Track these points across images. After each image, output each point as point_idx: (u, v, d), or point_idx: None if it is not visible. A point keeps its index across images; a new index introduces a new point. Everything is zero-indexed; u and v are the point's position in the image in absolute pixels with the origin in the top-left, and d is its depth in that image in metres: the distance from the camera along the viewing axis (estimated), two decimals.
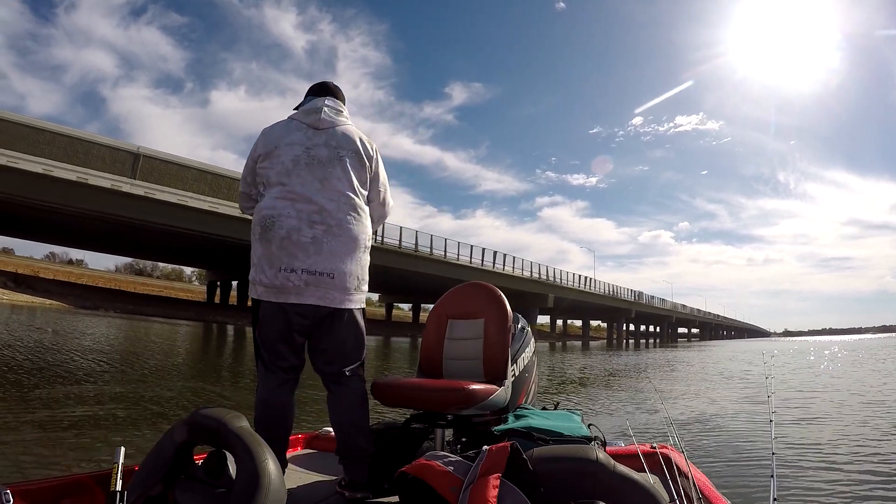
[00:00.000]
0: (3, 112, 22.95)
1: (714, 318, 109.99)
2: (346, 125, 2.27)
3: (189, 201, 26.64)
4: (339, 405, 2.16)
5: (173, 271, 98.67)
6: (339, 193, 2.15)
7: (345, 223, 2.13)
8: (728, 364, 21.25)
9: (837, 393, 10.85)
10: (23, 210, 25.51)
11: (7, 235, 44.09)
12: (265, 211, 2.11)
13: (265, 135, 2.23)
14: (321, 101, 2.27)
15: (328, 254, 2.08)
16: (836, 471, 4.59)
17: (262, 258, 2.07)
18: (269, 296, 2.07)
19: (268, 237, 2.07)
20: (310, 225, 2.07)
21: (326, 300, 2.09)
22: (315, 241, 2.06)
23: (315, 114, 2.22)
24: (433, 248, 39.20)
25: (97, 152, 24.75)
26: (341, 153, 2.19)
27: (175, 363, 12.07)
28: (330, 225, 2.10)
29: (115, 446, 1.50)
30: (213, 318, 32.73)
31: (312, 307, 2.08)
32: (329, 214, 2.10)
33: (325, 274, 2.07)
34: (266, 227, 2.08)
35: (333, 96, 2.34)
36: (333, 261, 2.09)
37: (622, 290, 66.05)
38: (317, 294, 2.07)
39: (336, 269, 2.09)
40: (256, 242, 2.11)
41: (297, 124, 2.21)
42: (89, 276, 61.88)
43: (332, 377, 2.17)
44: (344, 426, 2.14)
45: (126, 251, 49.03)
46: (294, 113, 2.30)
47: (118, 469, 1.39)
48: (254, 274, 2.11)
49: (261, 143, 2.21)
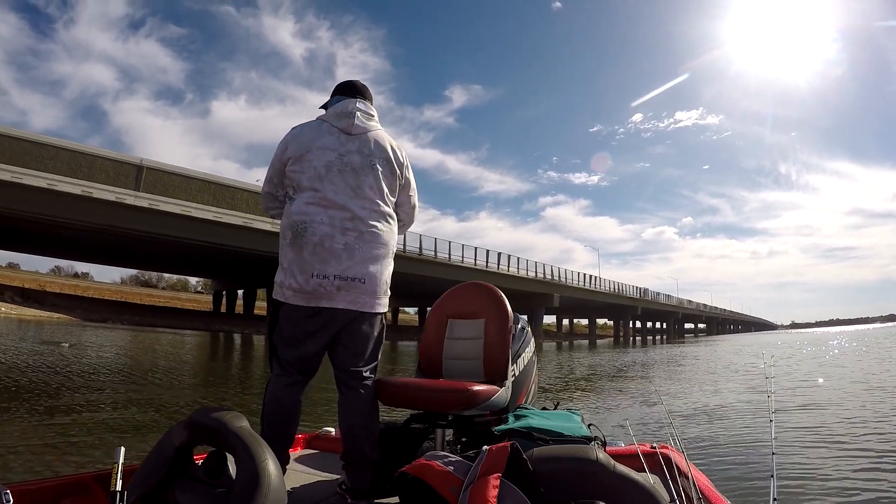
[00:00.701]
0: (5, 128, 23.07)
1: (720, 312, 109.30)
2: (377, 130, 2.26)
3: (193, 212, 26.68)
4: (351, 409, 2.16)
5: (178, 282, 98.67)
6: (370, 201, 2.16)
7: (376, 230, 2.16)
8: (734, 358, 21.18)
9: (849, 383, 10.83)
10: (28, 225, 25.61)
11: (12, 250, 44.28)
12: (296, 217, 2.10)
13: (296, 137, 2.18)
14: (352, 104, 2.23)
15: (360, 260, 2.10)
16: (837, 470, 4.55)
17: (294, 263, 2.08)
18: (299, 300, 2.07)
19: (299, 243, 2.07)
20: (342, 232, 2.08)
21: (357, 304, 2.12)
22: (347, 247, 2.08)
23: (347, 118, 2.20)
24: (437, 252, 39.14)
25: (101, 165, 24.86)
26: (374, 161, 2.20)
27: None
28: (362, 231, 2.12)
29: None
30: (220, 327, 32.80)
31: (343, 311, 2.10)
32: (361, 221, 2.12)
33: (356, 279, 2.10)
34: (298, 233, 2.07)
35: (363, 97, 2.31)
36: (365, 266, 2.12)
37: (627, 287, 65.79)
38: (348, 298, 2.09)
39: (367, 274, 2.12)
40: (287, 247, 2.11)
41: (329, 127, 2.18)
42: (95, 289, 61.98)
43: (347, 377, 2.18)
44: (353, 428, 2.14)
45: (132, 263, 49.19)
46: (324, 114, 2.26)
47: (118, 469, 1.39)
48: (283, 278, 2.11)
49: (292, 145, 2.17)
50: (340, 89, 2.34)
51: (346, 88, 2.33)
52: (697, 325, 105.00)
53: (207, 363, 15.46)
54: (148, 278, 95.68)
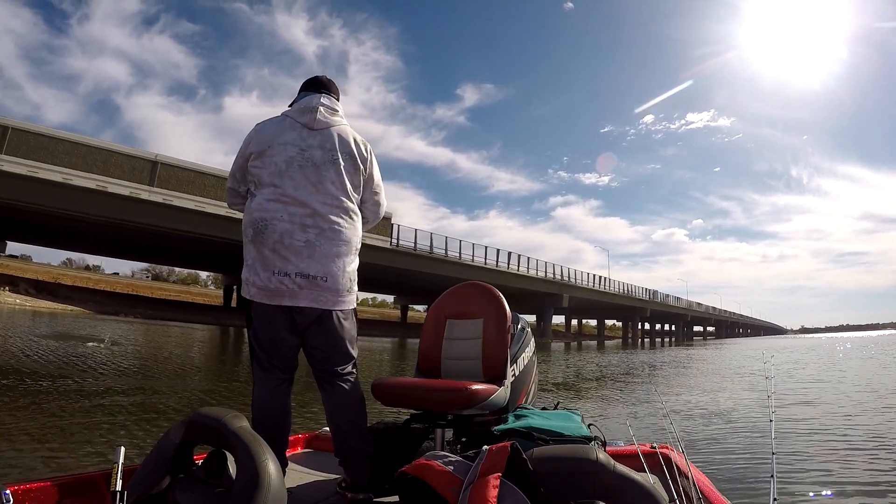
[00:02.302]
0: (23, 123, 23.50)
1: (729, 315, 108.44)
2: (340, 125, 2.25)
3: (207, 207, 26.97)
4: (333, 405, 2.17)
5: (189, 276, 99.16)
6: (332, 197, 2.15)
7: (337, 226, 2.13)
8: (744, 362, 21.04)
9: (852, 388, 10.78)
10: (42, 218, 25.98)
11: (26, 243, 44.84)
12: (257, 213, 2.10)
13: (258, 132, 2.19)
14: (316, 100, 2.23)
15: (321, 257, 2.08)
16: (838, 471, 4.54)
17: (256, 260, 2.08)
18: (263, 297, 2.07)
19: (261, 240, 2.07)
20: (302, 228, 2.07)
21: (320, 302, 2.10)
22: (308, 244, 2.07)
23: (310, 113, 2.19)
24: (448, 250, 39.33)
25: (116, 161, 25.26)
26: (335, 156, 2.18)
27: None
28: (323, 228, 2.10)
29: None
30: (231, 321, 32.96)
31: (307, 309, 2.09)
32: (322, 218, 2.11)
33: (318, 277, 2.08)
34: (259, 230, 2.07)
35: (328, 92, 2.29)
36: (326, 264, 2.10)
37: (637, 288, 65.50)
38: (310, 296, 2.08)
39: (329, 272, 2.10)
40: (249, 244, 2.11)
41: (292, 122, 2.18)
42: (107, 282, 62.63)
43: (325, 376, 2.18)
44: (339, 426, 2.14)
45: (143, 257, 49.59)
46: (288, 110, 2.25)
47: (118, 469, 1.38)
48: (248, 274, 2.11)
49: (254, 140, 2.17)
50: (307, 85, 2.33)
51: (311, 84, 2.32)
52: (706, 328, 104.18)
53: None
54: (159, 272, 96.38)
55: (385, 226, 34.04)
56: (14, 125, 23.04)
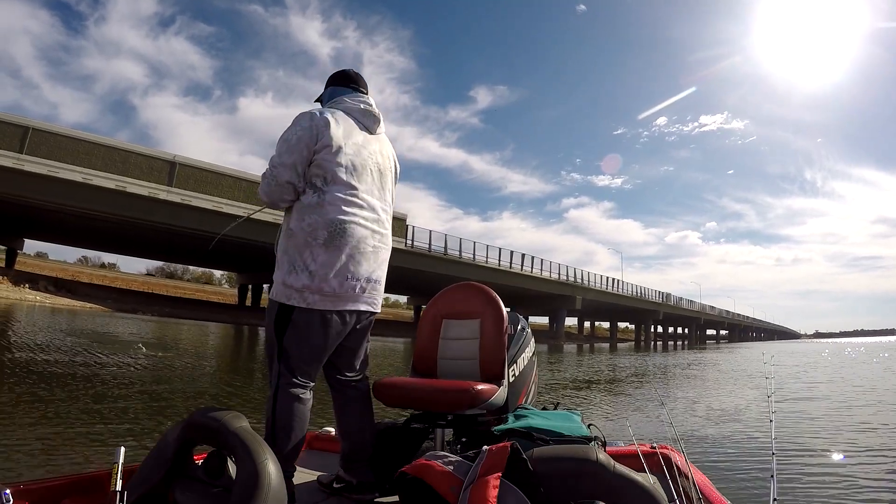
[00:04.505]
0: (43, 124, 23.83)
1: (743, 319, 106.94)
2: (384, 133, 2.25)
3: (224, 207, 27.23)
4: (353, 412, 2.14)
5: (203, 274, 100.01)
6: (388, 204, 2.18)
7: (388, 233, 2.17)
8: (756, 365, 20.87)
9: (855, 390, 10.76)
10: (62, 216, 26.39)
11: (44, 241, 45.42)
12: (333, 214, 1.94)
13: (328, 126, 1.96)
14: (371, 104, 2.16)
15: (381, 262, 2.11)
16: (838, 471, 4.53)
17: (325, 265, 1.92)
18: (326, 304, 1.95)
19: (336, 244, 1.93)
20: (372, 234, 2.05)
21: (374, 305, 2.11)
22: (375, 249, 2.06)
23: (373, 119, 2.14)
24: (462, 251, 39.35)
25: (134, 161, 25.55)
26: (390, 164, 2.21)
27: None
28: (383, 234, 2.12)
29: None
30: (246, 320, 33.20)
31: (364, 313, 2.08)
32: (382, 224, 2.12)
33: (377, 281, 2.09)
34: (335, 233, 1.93)
35: (367, 93, 2.23)
36: (383, 269, 2.13)
37: (650, 291, 64.83)
38: (368, 300, 2.07)
39: (382, 276, 2.13)
40: (319, 247, 1.92)
41: (356, 122, 2.09)
42: (123, 280, 63.47)
43: (349, 380, 2.16)
44: (362, 433, 2.12)
45: (160, 255, 50.07)
46: (349, 105, 2.12)
47: (118, 469, 1.37)
48: (308, 281, 1.92)
49: (325, 133, 1.94)
50: (345, 79, 2.22)
51: (352, 79, 2.22)
52: (719, 331, 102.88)
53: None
54: (173, 270, 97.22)
55: (400, 227, 34.06)
56: (35, 125, 23.31)
